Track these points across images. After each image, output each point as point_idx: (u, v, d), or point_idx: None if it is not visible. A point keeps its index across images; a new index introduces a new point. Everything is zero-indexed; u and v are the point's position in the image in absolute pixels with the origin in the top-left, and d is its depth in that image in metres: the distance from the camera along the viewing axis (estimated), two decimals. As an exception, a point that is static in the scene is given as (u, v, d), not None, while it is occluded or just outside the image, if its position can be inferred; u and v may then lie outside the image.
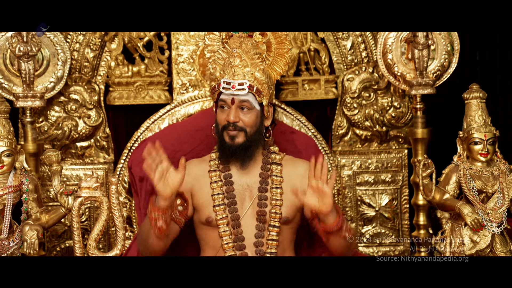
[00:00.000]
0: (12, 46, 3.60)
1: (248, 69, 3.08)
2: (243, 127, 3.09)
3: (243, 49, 3.10)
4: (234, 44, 3.11)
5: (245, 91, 3.06)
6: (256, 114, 3.11)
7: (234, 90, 3.07)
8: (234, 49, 3.10)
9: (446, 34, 3.80)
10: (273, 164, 3.18)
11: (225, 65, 3.10)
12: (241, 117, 3.09)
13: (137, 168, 3.55)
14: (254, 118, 3.10)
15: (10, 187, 3.04)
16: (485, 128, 3.14)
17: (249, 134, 3.10)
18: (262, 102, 3.11)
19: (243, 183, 3.15)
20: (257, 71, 3.09)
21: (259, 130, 3.13)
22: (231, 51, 3.10)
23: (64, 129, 3.87)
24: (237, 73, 3.07)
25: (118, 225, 2.97)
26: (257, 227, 3.11)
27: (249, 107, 3.09)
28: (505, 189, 3.11)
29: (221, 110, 3.12)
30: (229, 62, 3.09)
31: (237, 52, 3.09)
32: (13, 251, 3.04)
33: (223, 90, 3.08)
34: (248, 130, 3.09)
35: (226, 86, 3.07)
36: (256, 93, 3.08)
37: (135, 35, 3.90)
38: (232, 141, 3.09)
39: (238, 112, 3.09)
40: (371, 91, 3.98)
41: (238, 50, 3.09)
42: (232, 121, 3.07)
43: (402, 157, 4.04)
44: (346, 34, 3.96)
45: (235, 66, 3.08)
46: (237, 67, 3.08)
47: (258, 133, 3.13)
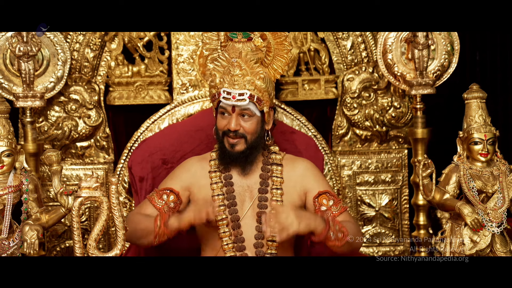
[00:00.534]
0: (12, 46, 3.60)
1: (248, 78, 3.04)
2: (243, 134, 3.07)
3: (243, 58, 3.05)
4: (234, 53, 3.06)
5: (245, 102, 3.04)
6: (257, 120, 3.09)
7: (234, 100, 3.03)
8: (234, 58, 3.05)
9: (446, 34, 3.80)
10: (274, 165, 3.18)
11: (224, 73, 3.06)
12: (242, 124, 3.06)
13: (137, 168, 3.55)
14: (255, 125, 3.09)
15: (10, 187, 3.03)
16: (485, 128, 3.14)
17: (250, 141, 3.08)
18: (263, 110, 3.09)
19: (243, 184, 3.15)
20: (258, 80, 3.05)
21: (259, 135, 3.11)
22: (231, 60, 3.06)
23: (64, 129, 3.87)
24: (237, 82, 3.03)
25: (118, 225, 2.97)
26: (257, 228, 3.10)
27: (250, 114, 3.06)
28: (505, 189, 3.11)
29: (222, 116, 3.10)
30: (229, 71, 3.05)
31: (237, 62, 3.05)
32: (13, 251, 3.03)
33: (223, 100, 3.05)
34: (248, 137, 3.07)
35: (227, 96, 3.03)
36: (256, 102, 3.05)
37: (135, 35, 3.90)
38: (232, 148, 3.08)
39: (239, 119, 3.06)
40: (371, 91, 3.98)
41: (238, 59, 3.05)
42: (233, 129, 3.05)
43: (402, 157, 4.04)
44: (346, 34, 3.97)
45: (235, 75, 3.04)
46: (237, 76, 3.04)
47: (259, 138, 3.12)
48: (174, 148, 3.55)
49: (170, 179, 3.17)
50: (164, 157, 3.55)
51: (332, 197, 3.11)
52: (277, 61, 3.19)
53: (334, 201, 3.10)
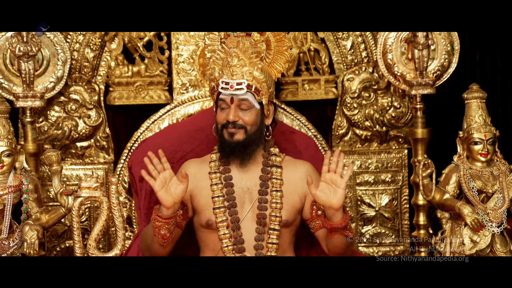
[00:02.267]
0: (12, 46, 3.60)
1: (246, 68, 3.08)
2: (243, 124, 3.08)
3: (241, 49, 3.09)
4: (232, 43, 3.11)
5: (243, 90, 3.06)
6: (256, 112, 3.11)
7: (232, 90, 3.06)
8: (232, 48, 3.09)
9: (446, 34, 3.80)
10: (273, 167, 3.18)
11: (223, 65, 3.10)
12: (241, 116, 3.08)
13: (137, 168, 3.55)
14: (254, 117, 3.10)
15: (10, 187, 3.04)
16: (485, 128, 3.14)
17: (250, 132, 3.09)
18: (262, 101, 3.11)
19: (243, 186, 3.15)
20: (256, 70, 3.08)
21: (259, 128, 3.13)
22: (229, 51, 3.09)
23: (64, 129, 3.87)
24: (235, 73, 3.07)
25: (118, 225, 2.97)
26: (257, 230, 3.10)
27: (248, 105, 3.08)
28: (505, 189, 3.11)
29: (221, 110, 3.12)
30: (227, 62, 3.09)
31: (235, 52, 3.08)
32: (13, 251, 3.03)
33: (222, 90, 3.08)
34: (248, 128, 3.09)
35: (225, 86, 3.07)
36: (255, 92, 3.08)
37: (135, 35, 3.90)
38: (231, 138, 3.08)
39: (238, 111, 3.08)
40: (371, 91, 3.98)
41: (236, 49, 3.09)
42: (232, 120, 3.07)
43: (402, 157, 4.04)
44: (346, 34, 3.97)
45: (233, 65, 3.08)
46: (235, 67, 3.08)
47: (259, 131, 3.13)
48: (174, 148, 3.55)
49: None
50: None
51: None
52: (277, 59, 3.21)
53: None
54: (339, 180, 2.89)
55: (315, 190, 2.90)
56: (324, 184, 2.91)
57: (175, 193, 2.92)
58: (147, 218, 3.53)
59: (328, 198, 2.90)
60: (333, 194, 2.89)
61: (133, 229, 3.84)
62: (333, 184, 2.90)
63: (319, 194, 2.90)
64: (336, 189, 2.89)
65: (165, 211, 2.93)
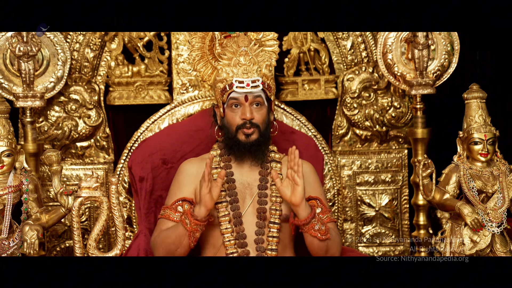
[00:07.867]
0: (12, 46, 3.60)
1: (257, 66, 3.13)
2: (256, 123, 3.12)
3: (250, 48, 3.15)
4: (243, 43, 3.16)
5: (259, 88, 3.11)
6: (266, 109, 3.16)
7: (249, 88, 3.10)
8: (243, 48, 3.14)
9: (446, 34, 3.80)
10: (273, 162, 3.21)
11: (233, 64, 3.12)
12: (254, 114, 3.12)
13: (137, 168, 3.55)
14: (265, 114, 3.15)
15: (10, 187, 3.04)
16: (485, 128, 3.14)
17: (262, 130, 3.14)
18: (271, 98, 3.16)
19: (244, 181, 3.18)
20: (265, 68, 3.15)
21: (268, 126, 3.18)
22: (239, 50, 3.13)
23: (64, 129, 3.87)
24: (248, 71, 3.11)
25: (118, 225, 2.97)
26: (257, 224, 3.12)
27: (261, 102, 3.13)
28: (505, 189, 3.12)
29: (232, 109, 3.13)
30: (238, 61, 3.12)
31: (245, 51, 3.13)
32: (13, 251, 3.04)
33: (237, 89, 3.09)
34: (261, 127, 3.13)
35: (240, 85, 3.10)
36: (267, 88, 3.13)
37: (135, 35, 3.90)
38: (247, 138, 3.11)
39: (252, 109, 3.11)
40: (371, 91, 3.98)
41: (246, 48, 3.14)
42: (249, 118, 3.10)
43: (402, 157, 4.04)
44: (346, 34, 3.97)
45: (245, 64, 3.11)
46: (247, 65, 3.12)
47: (269, 128, 3.19)
48: (174, 148, 3.55)
49: (176, 189, 3.19)
50: (164, 157, 3.56)
51: (321, 205, 3.16)
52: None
53: (322, 210, 3.16)
54: (295, 177, 2.96)
55: (280, 185, 2.99)
56: (287, 180, 3.00)
57: (216, 195, 2.98)
58: (147, 218, 3.53)
59: (289, 194, 2.98)
60: (292, 191, 2.97)
61: (133, 229, 3.84)
62: (292, 181, 2.98)
63: (282, 189, 3.00)
64: (295, 186, 2.97)
65: (204, 213, 2.98)
